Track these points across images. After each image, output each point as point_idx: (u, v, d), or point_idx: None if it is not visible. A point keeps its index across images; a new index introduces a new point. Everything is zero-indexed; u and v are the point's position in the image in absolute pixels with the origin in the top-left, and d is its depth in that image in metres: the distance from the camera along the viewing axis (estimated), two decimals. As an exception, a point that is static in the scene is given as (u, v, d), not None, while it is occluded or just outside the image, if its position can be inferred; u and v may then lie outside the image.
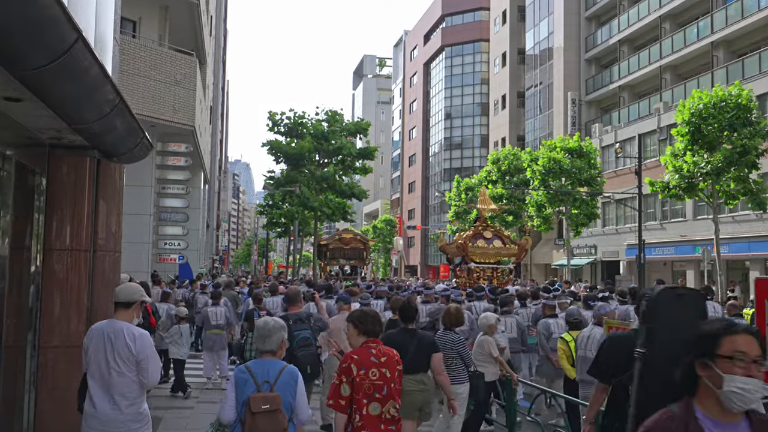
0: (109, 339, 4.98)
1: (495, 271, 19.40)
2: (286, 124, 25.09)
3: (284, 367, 4.49)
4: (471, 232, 19.30)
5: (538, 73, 50.80)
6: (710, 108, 24.01)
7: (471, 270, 18.79)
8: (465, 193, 45.83)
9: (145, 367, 4.98)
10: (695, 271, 33.25)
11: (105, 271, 7.16)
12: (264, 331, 4.58)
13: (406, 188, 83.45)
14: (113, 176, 7.44)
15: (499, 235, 19.74)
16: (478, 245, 18.89)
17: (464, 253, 18.56)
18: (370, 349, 4.85)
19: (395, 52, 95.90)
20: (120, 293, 5.21)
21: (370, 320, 5.03)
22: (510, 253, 19.62)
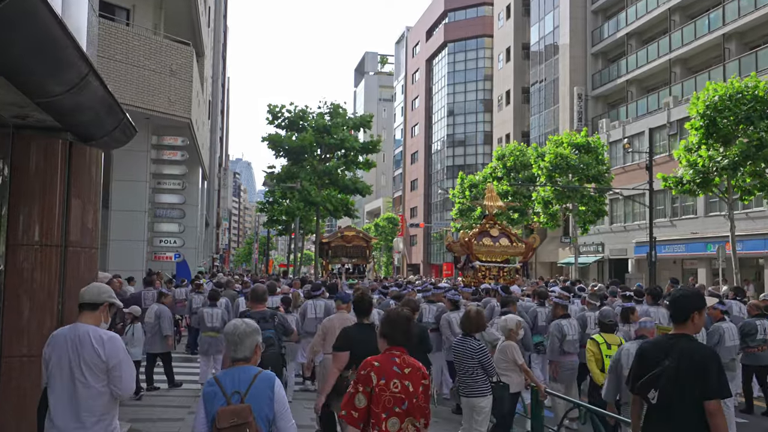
0: (73, 346, 4.36)
1: (501, 270, 18.57)
2: (287, 118, 24.18)
3: (257, 373, 3.89)
4: (477, 229, 18.44)
5: (543, 68, 49.92)
6: (726, 100, 23.12)
7: (476, 269, 17.96)
8: (469, 190, 44.97)
9: (118, 375, 4.37)
10: (707, 269, 32.39)
11: (79, 270, 6.32)
12: (234, 337, 3.96)
13: (408, 186, 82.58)
14: (90, 162, 6.59)
15: (506, 232, 18.90)
16: (484, 243, 18.06)
17: (469, 251, 17.72)
18: (393, 357, 4.24)
19: (397, 48, 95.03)
20: (85, 294, 4.55)
21: (398, 325, 4.33)
22: (517, 251, 18.79)
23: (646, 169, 29.49)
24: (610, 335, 8.04)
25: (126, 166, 19.57)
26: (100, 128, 6.36)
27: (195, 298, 14.10)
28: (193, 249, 24.85)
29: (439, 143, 73.86)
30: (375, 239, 40.49)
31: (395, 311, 4.47)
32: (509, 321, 7.10)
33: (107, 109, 6.03)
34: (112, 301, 4.65)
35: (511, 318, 7.23)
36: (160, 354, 11.66)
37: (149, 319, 11.70)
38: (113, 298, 4.67)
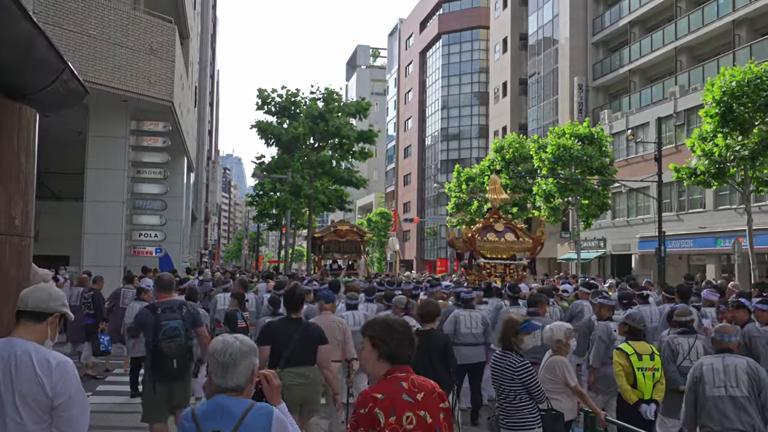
0: (5, 369, 3.22)
1: (507, 267, 17.14)
2: (278, 103, 22.59)
3: (249, 407, 2.88)
4: (480, 224, 17.00)
5: (542, 59, 48.51)
6: (744, 86, 21.75)
7: (480, 266, 16.52)
8: (466, 184, 43.54)
9: (67, 415, 3.24)
10: (716, 265, 31.11)
11: (3, 265, 4.85)
12: (224, 357, 2.91)
13: (401, 181, 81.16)
14: (20, 123, 5.08)
15: (511, 227, 17.46)
16: (488, 239, 16.62)
17: (472, 247, 16.28)
18: (398, 382, 3.11)
19: (390, 41, 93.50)
20: (29, 298, 3.42)
21: (399, 337, 3.14)
22: (524, 247, 17.35)
23: (655, 160, 28.13)
24: (640, 343, 6.71)
25: (102, 153, 18.05)
26: (32, 80, 4.85)
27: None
28: (177, 243, 23.33)
29: (433, 137, 72.50)
30: (369, 234, 39.01)
31: (393, 319, 3.27)
32: (556, 329, 5.65)
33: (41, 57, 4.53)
34: (64, 311, 3.51)
35: (558, 326, 5.78)
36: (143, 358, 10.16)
37: (130, 319, 10.27)
38: (66, 308, 3.52)
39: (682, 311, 7.81)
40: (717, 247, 30.36)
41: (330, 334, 7.11)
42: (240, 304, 10.11)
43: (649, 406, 6.37)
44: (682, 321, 7.65)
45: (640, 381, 6.56)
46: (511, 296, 11.04)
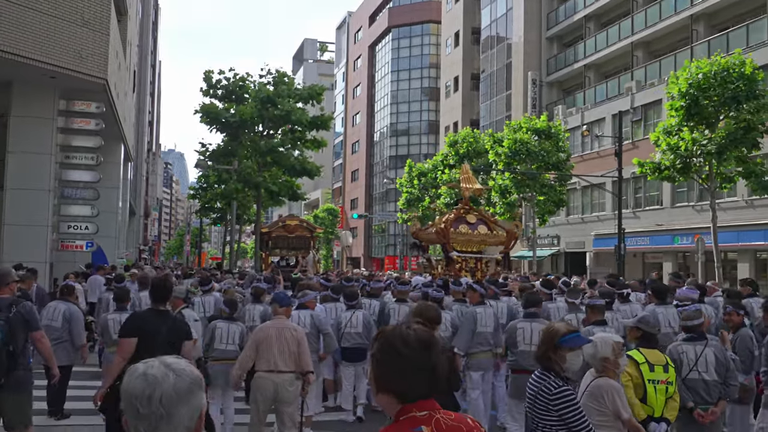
0: None
1: (479, 262, 15.97)
2: (225, 86, 20.85)
3: None
4: (452, 215, 15.76)
5: (494, 53, 47.71)
6: (711, 78, 21.06)
7: (452, 260, 15.28)
8: (418, 179, 42.42)
9: None
10: (673, 263, 30.64)
11: None
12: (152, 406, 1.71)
13: (349, 176, 79.67)
14: None
15: (484, 219, 16.31)
16: (461, 231, 15.43)
17: (445, 240, 15.02)
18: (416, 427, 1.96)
19: (338, 34, 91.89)
20: None
21: (407, 363, 2.02)
22: (497, 240, 16.22)
23: (615, 155, 27.40)
24: (653, 352, 5.68)
25: (26, 136, 16.14)
26: None
27: (104, 298, 10.77)
28: (111, 238, 21.43)
29: (382, 132, 71.31)
30: (320, 229, 37.49)
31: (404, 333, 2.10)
32: (602, 344, 4.34)
33: None
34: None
35: (604, 339, 4.47)
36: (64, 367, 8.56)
37: (54, 322, 8.71)
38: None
39: (688, 314, 6.67)
40: (674, 245, 29.91)
41: (281, 341, 6.48)
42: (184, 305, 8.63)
43: (659, 425, 5.39)
44: (689, 326, 6.51)
45: (650, 395, 5.50)
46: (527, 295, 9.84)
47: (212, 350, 7.92)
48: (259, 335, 6.58)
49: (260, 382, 6.47)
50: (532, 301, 8.34)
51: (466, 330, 8.70)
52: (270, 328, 6.64)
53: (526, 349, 7.65)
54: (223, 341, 7.93)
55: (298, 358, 6.56)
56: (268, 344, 6.47)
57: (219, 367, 7.83)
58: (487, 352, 8.81)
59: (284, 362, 6.47)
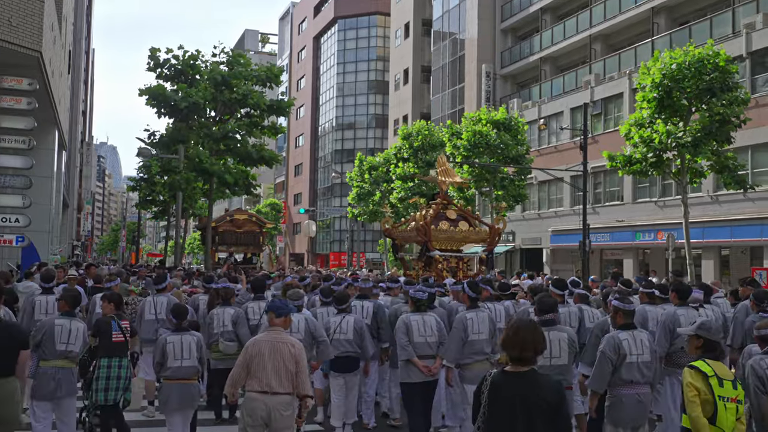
0: None
1: (461, 260, 14.74)
2: (174, 66, 18.94)
3: None
4: (432, 211, 14.44)
5: (446, 45, 46.68)
6: (685, 69, 20.31)
7: (433, 260, 13.98)
8: (369, 173, 41.04)
9: None
10: (634, 260, 30.13)
11: None
12: None
13: (292, 171, 77.76)
14: None
15: (465, 215, 15.08)
16: (442, 228, 14.16)
17: (426, 238, 13.71)
18: None
19: (281, 25, 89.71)
20: None
21: None
22: (480, 237, 15.00)
23: (581, 148, 26.64)
24: (719, 364, 4.83)
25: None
26: None
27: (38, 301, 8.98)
28: (44, 232, 19.37)
29: (327, 126, 69.73)
30: (270, 224, 35.77)
31: None
32: None
33: None
34: None
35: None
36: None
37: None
38: None
39: (764, 323, 5.57)
40: (636, 241, 29.37)
41: (276, 358, 5.64)
42: (117, 308, 7.42)
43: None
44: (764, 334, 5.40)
45: (721, 415, 4.64)
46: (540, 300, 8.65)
47: (165, 369, 6.80)
48: (251, 350, 5.74)
49: (251, 405, 5.65)
50: (547, 306, 7.03)
51: (455, 339, 7.62)
52: (263, 342, 5.76)
53: (545, 363, 6.44)
54: (178, 357, 6.79)
55: (294, 378, 5.71)
56: (260, 361, 5.65)
57: (175, 387, 6.78)
58: (483, 362, 7.72)
59: (279, 382, 5.64)
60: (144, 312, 9.42)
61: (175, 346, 6.83)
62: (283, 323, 5.89)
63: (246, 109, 19.28)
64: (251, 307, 9.19)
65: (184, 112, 18.54)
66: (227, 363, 8.52)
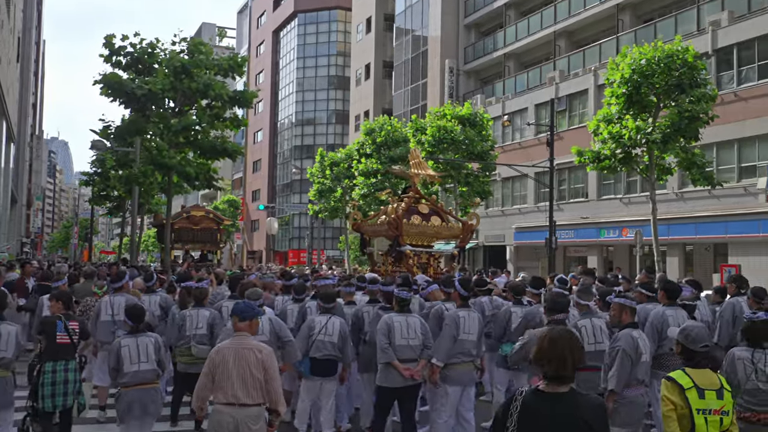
0: None
1: (431, 256, 14.25)
2: (130, 54, 17.95)
3: None
4: (403, 204, 13.88)
5: (409, 40, 46.22)
6: (655, 65, 20.15)
7: (405, 255, 13.43)
8: (330, 169, 40.35)
9: None
10: (598, 257, 30.08)
11: None
12: None
13: (251, 167, 76.52)
14: None
15: (437, 210, 14.56)
16: (414, 222, 13.62)
17: (398, 232, 13.16)
18: None
19: (239, 18, 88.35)
20: None
21: None
22: (452, 233, 14.54)
23: (547, 144, 26.40)
24: (704, 372, 4.52)
25: None
26: None
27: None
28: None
29: (286, 121, 68.78)
30: (228, 221, 34.86)
31: None
32: None
33: None
34: None
35: None
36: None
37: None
38: None
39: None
40: (600, 238, 29.32)
41: (242, 366, 5.18)
42: (66, 308, 6.99)
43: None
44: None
45: (699, 429, 4.33)
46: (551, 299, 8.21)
47: (122, 375, 6.30)
48: (215, 358, 5.28)
49: (218, 418, 5.22)
50: (560, 306, 6.65)
51: (447, 337, 7.23)
52: (227, 349, 5.29)
53: None
54: (135, 361, 6.29)
55: (263, 387, 5.26)
56: (225, 370, 5.20)
57: (134, 394, 6.27)
58: (468, 363, 7.36)
59: (246, 393, 5.20)
60: (100, 312, 8.85)
61: (131, 350, 6.34)
62: (249, 327, 5.42)
63: (207, 100, 18.46)
64: (226, 306, 8.56)
65: (141, 101, 17.62)
66: (198, 367, 8.16)
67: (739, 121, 23.49)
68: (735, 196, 23.57)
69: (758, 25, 23.75)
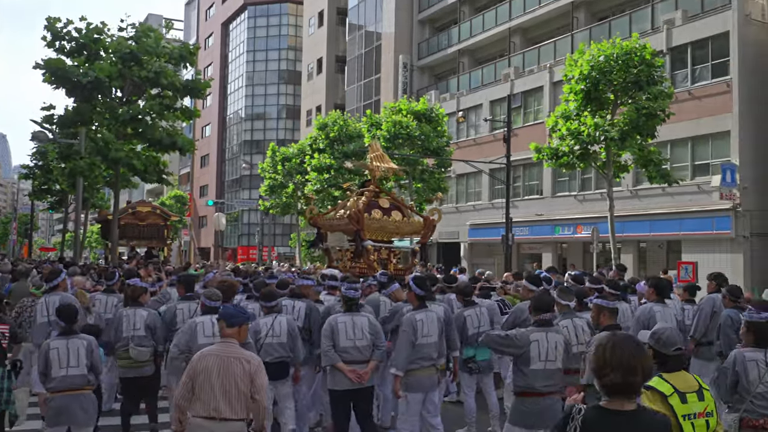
0: None
1: (391, 252, 13.82)
2: (75, 39, 16.97)
3: None
4: (364, 198, 13.39)
5: (362, 35, 45.69)
6: (613, 62, 20.11)
7: (366, 250, 12.95)
8: (282, 164, 39.60)
9: None
10: (552, 254, 30.08)
11: None
12: None
13: (198, 162, 74.94)
14: None
15: (398, 204, 14.13)
16: (375, 217, 13.16)
17: (359, 227, 12.66)
18: None
19: (187, 10, 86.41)
20: None
21: None
22: (414, 229, 14.13)
23: (504, 141, 26.24)
24: (680, 375, 4.20)
25: None
26: None
27: None
28: None
29: (235, 116, 67.56)
30: (175, 216, 33.82)
31: None
32: None
33: None
34: None
35: None
36: None
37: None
38: None
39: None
40: (555, 235, 29.32)
41: (226, 376, 4.71)
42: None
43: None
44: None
45: None
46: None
47: (50, 379, 5.86)
48: (196, 365, 4.79)
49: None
50: (544, 305, 6.26)
51: (405, 343, 6.80)
52: (211, 357, 4.79)
53: (540, 367, 5.82)
54: (63, 365, 5.92)
55: (249, 401, 4.79)
56: (206, 380, 4.72)
57: (61, 400, 5.90)
58: (429, 368, 6.96)
59: (229, 406, 4.72)
60: (36, 314, 8.20)
61: (60, 353, 5.90)
62: (238, 334, 4.90)
63: (158, 88, 17.60)
64: (180, 308, 7.95)
65: (86, 90, 16.68)
66: (138, 371, 7.71)
67: (693, 119, 23.66)
68: (689, 193, 23.76)
69: (711, 24, 23.97)
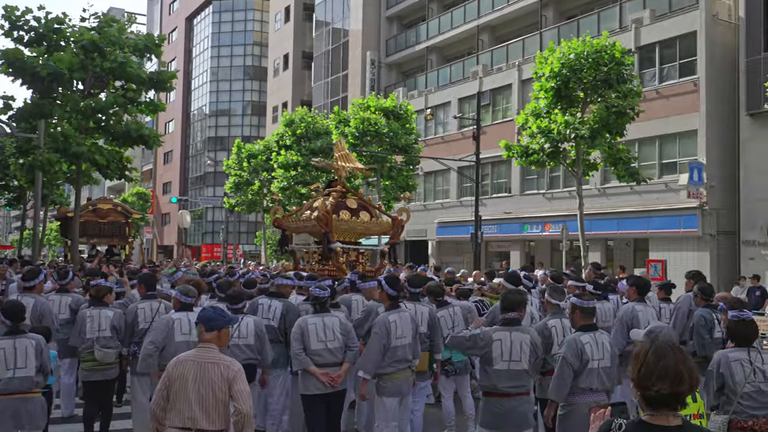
0: None
1: (360, 254, 13.49)
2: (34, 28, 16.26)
3: None
4: (332, 199, 13.01)
5: (329, 31, 45.26)
6: (583, 59, 20.09)
7: (335, 252, 12.59)
8: (248, 161, 39.04)
9: None
10: (521, 252, 30.08)
11: None
12: None
13: (161, 158, 73.67)
14: None
15: (365, 205, 13.77)
16: (342, 218, 12.76)
17: (328, 228, 12.29)
18: None
19: (150, 4, 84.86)
20: None
21: None
22: (382, 229, 13.79)
23: (473, 138, 26.12)
24: None
25: None
26: None
27: None
28: None
29: (199, 112, 66.58)
30: (137, 214, 33.04)
31: None
32: None
33: None
34: None
35: None
36: None
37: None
38: None
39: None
40: (523, 233, 29.31)
41: (203, 383, 4.38)
42: None
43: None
44: None
45: None
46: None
47: None
48: (172, 372, 4.47)
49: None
50: (512, 303, 5.98)
51: (376, 346, 6.48)
52: (188, 362, 4.47)
53: (503, 367, 5.64)
54: (10, 367, 5.60)
55: (226, 409, 4.42)
56: (182, 387, 4.40)
57: (6, 403, 5.57)
58: (404, 371, 6.68)
59: (206, 416, 4.37)
60: None
61: (7, 353, 5.56)
62: (217, 339, 4.58)
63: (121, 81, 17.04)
64: (141, 308, 7.57)
65: (46, 82, 16.05)
66: (102, 374, 7.43)
67: (661, 118, 23.80)
68: (657, 192, 23.89)
69: (679, 24, 24.13)
